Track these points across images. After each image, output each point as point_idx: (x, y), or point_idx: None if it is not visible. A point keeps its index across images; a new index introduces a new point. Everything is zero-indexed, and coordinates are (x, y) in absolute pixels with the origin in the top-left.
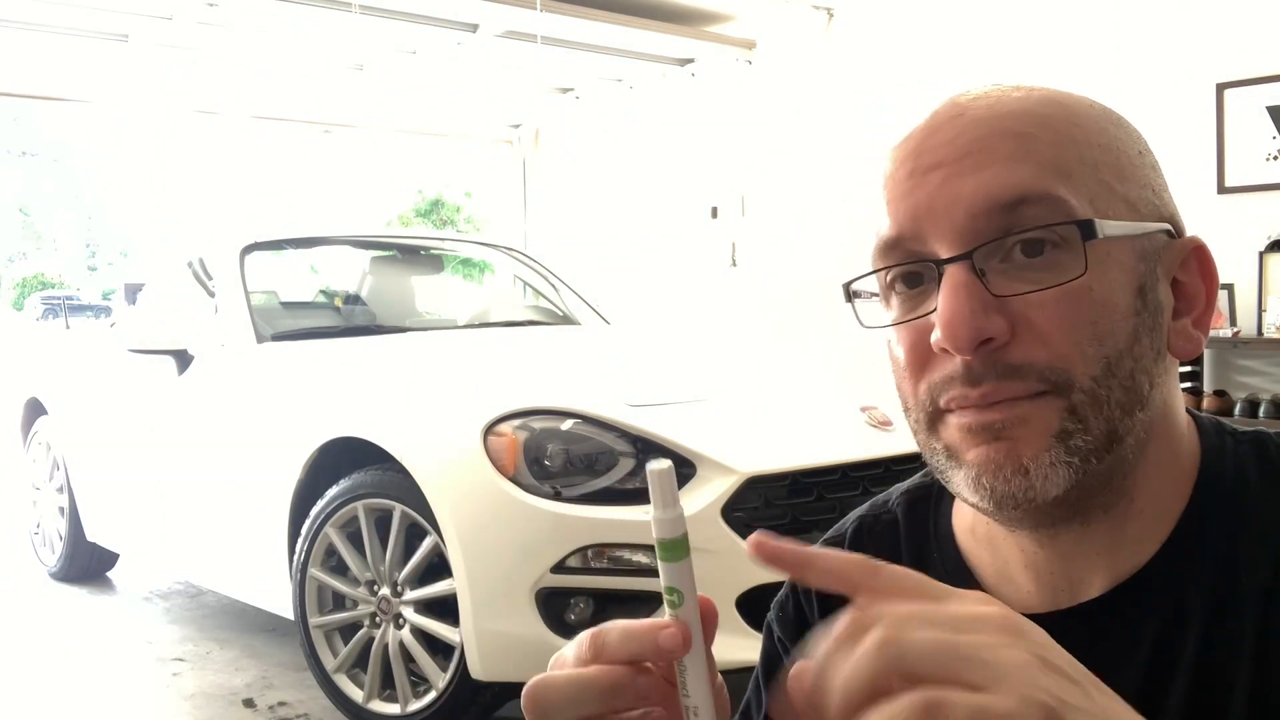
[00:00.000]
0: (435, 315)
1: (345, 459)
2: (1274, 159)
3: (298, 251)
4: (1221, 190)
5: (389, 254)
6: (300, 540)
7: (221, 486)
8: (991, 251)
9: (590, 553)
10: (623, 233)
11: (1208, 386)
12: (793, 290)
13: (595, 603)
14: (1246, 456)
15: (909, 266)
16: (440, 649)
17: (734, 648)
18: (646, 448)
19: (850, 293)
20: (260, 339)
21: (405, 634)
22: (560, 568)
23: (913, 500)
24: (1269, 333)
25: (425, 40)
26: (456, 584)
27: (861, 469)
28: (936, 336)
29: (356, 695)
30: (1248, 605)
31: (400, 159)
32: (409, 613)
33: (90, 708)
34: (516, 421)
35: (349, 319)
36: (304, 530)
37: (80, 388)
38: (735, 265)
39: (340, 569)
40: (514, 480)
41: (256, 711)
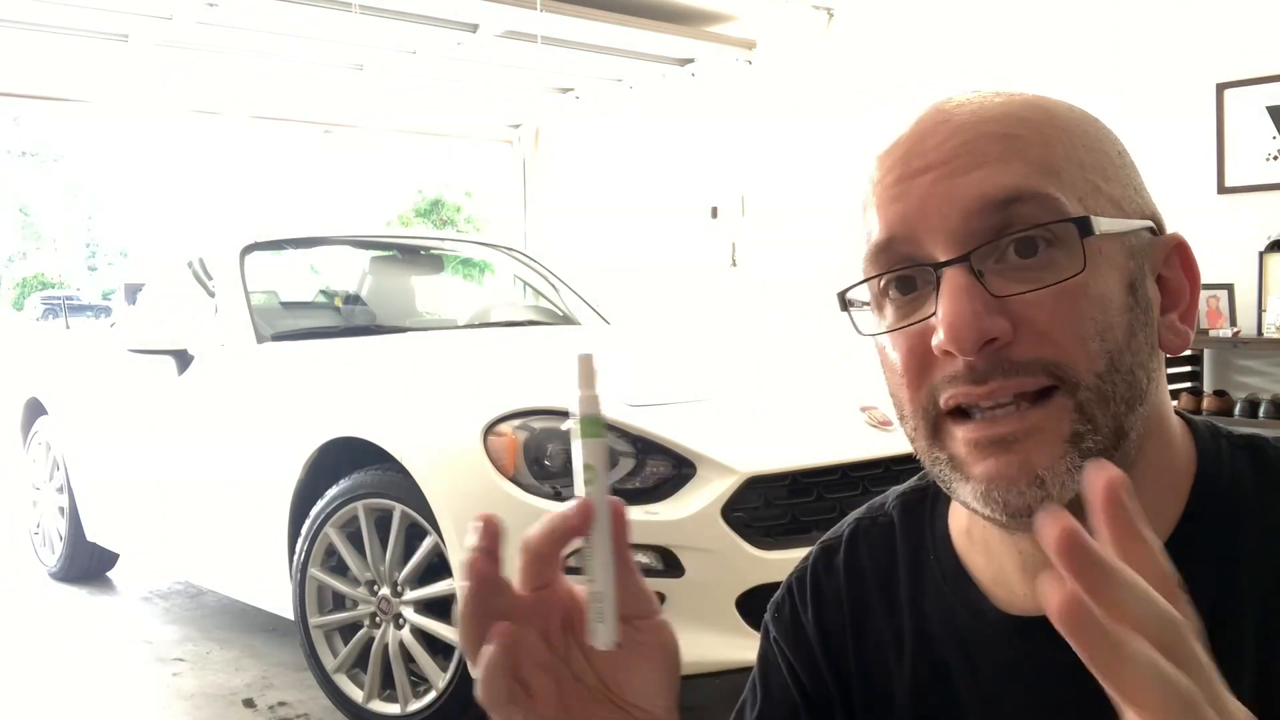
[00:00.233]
0: (435, 315)
1: (345, 459)
2: (1274, 159)
3: (298, 251)
4: (1221, 190)
5: (389, 254)
6: (300, 540)
7: (221, 486)
8: (987, 252)
9: None
10: (622, 233)
11: (1208, 386)
12: (793, 290)
13: None
14: (1243, 460)
15: (904, 271)
16: (440, 649)
17: (734, 648)
18: (646, 448)
19: (845, 301)
20: (260, 339)
21: (405, 634)
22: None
23: (908, 503)
24: (1269, 333)
25: (425, 40)
26: (456, 584)
27: (861, 469)
28: (939, 340)
29: (356, 695)
30: (1248, 609)
31: (400, 159)
32: (409, 613)
33: (90, 708)
34: (516, 421)
35: (349, 319)
36: (304, 530)
37: (80, 388)
38: (735, 265)
39: (340, 569)
40: (514, 480)
41: (256, 711)
